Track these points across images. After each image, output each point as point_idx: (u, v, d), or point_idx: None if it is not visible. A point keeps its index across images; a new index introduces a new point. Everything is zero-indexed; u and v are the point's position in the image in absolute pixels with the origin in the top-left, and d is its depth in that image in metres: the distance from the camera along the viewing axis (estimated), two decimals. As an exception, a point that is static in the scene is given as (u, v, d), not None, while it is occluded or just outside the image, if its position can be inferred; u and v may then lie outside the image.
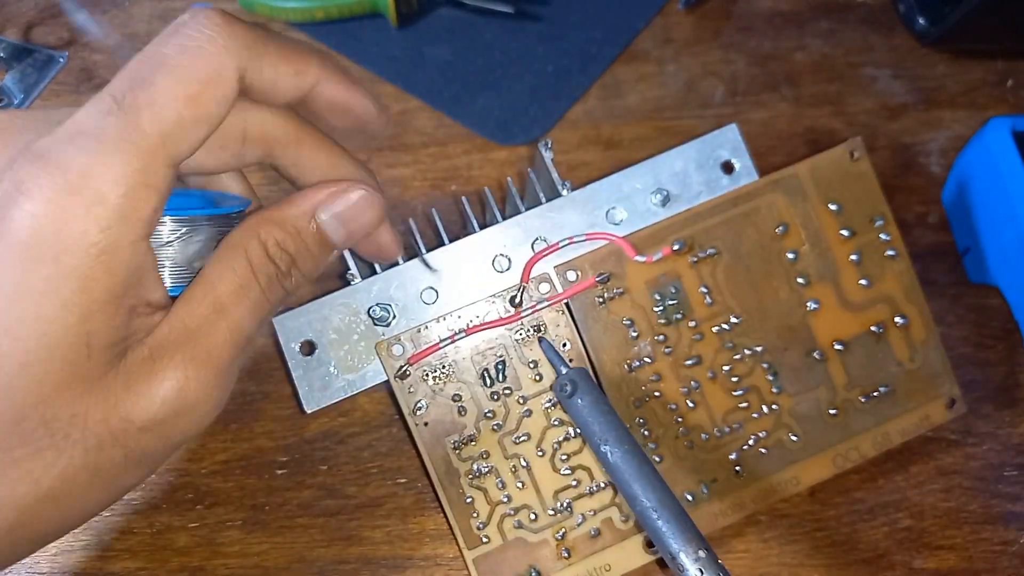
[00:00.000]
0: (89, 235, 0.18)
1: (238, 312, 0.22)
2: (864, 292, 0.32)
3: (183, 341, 0.21)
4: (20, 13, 0.44)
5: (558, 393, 0.29)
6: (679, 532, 0.26)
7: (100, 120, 0.19)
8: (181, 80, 0.19)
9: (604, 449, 0.28)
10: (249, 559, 0.33)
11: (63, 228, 0.18)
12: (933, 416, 0.33)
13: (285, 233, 0.23)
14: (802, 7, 0.45)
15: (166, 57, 0.20)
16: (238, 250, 0.22)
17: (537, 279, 0.31)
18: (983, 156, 0.38)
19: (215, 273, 0.22)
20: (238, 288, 0.22)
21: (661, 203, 0.31)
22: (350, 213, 0.24)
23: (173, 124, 0.19)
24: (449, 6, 0.44)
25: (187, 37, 0.20)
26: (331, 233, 0.24)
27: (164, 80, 0.19)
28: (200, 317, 0.21)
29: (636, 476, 0.27)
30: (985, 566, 0.33)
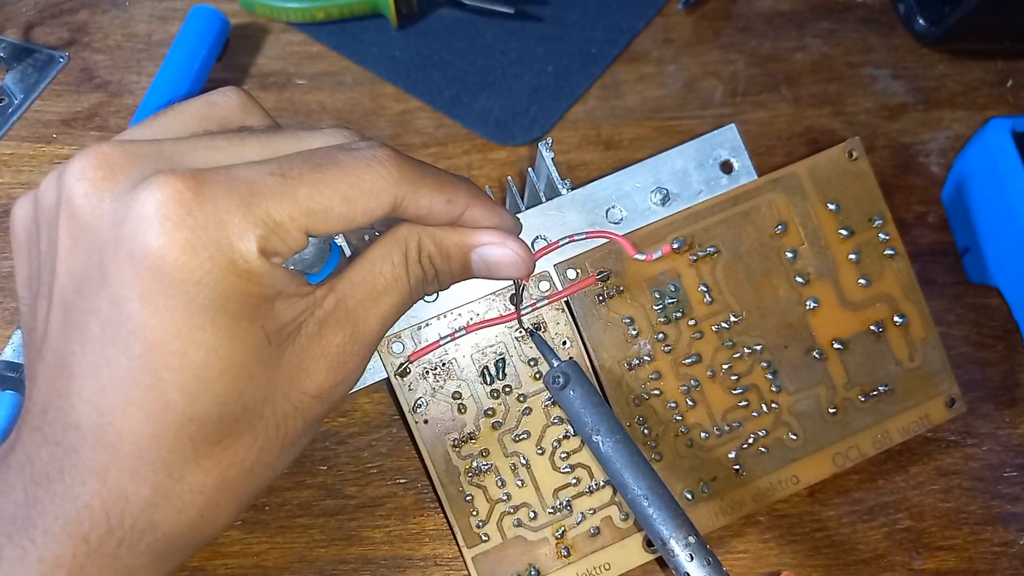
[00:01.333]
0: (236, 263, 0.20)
1: (388, 301, 0.24)
2: (863, 291, 0.32)
3: (345, 319, 0.23)
4: (20, 13, 0.44)
5: (550, 385, 0.30)
6: (669, 519, 0.26)
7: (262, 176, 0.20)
8: (347, 180, 0.21)
9: (596, 439, 0.28)
10: (249, 559, 0.33)
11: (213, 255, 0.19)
12: (933, 415, 0.33)
13: (439, 251, 0.25)
14: (802, 7, 0.45)
15: (340, 161, 0.22)
16: (399, 245, 0.24)
17: (537, 277, 0.31)
18: (983, 156, 0.38)
19: (376, 261, 0.24)
20: (393, 280, 0.24)
21: (661, 202, 0.31)
22: (499, 264, 0.26)
23: (321, 207, 0.21)
24: (449, 6, 0.44)
25: (361, 156, 0.22)
26: (474, 268, 0.26)
27: (333, 174, 0.21)
28: (359, 299, 0.23)
29: (627, 465, 0.27)
30: (985, 567, 0.33)
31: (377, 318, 0.24)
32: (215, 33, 0.41)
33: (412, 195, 0.23)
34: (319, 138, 0.23)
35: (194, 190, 0.19)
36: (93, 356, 0.20)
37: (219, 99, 0.24)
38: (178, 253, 0.19)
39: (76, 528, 0.20)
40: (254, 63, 0.43)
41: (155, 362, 0.20)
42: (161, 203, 0.19)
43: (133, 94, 0.42)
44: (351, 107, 0.42)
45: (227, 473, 0.21)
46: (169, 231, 0.19)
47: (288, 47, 0.44)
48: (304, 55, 0.43)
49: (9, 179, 0.39)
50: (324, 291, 0.23)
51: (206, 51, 0.41)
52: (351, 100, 0.42)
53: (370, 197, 0.22)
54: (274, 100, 0.42)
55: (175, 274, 0.19)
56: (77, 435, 0.20)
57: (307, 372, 0.22)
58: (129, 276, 0.19)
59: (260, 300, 0.21)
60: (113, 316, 0.20)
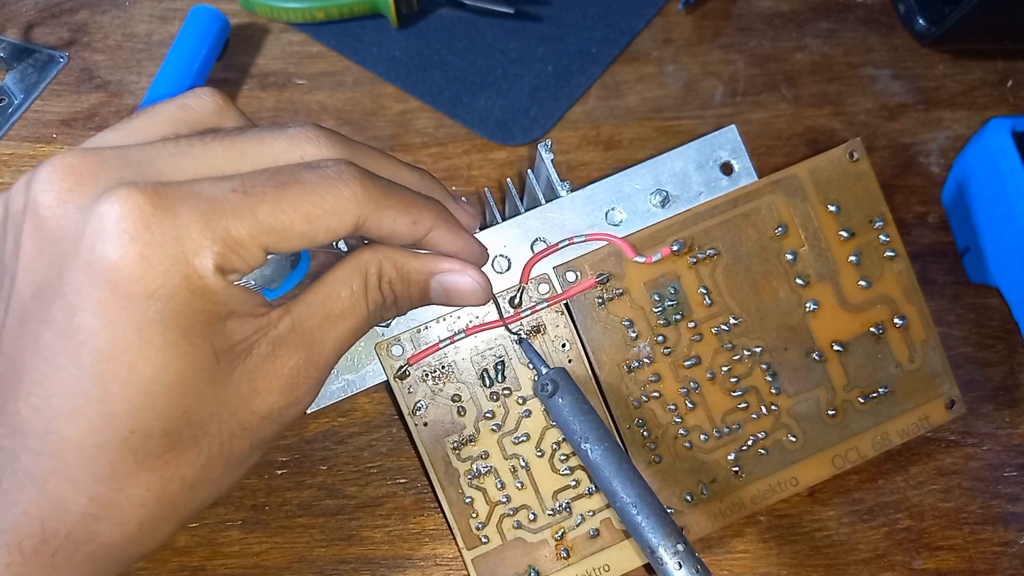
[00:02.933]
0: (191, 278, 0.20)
1: (344, 326, 0.24)
2: (863, 293, 0.32)
3: (299, 341, 0.23)
4: (20, 13, 0.44)
5: (539, 392, 0.30)
6: (658, 527, 0.26)
7: (224, 192, 0.20)
8: (309, 199, 0.21)
9: (584, 447, 0.28)
10: (249, 559, 0.33)
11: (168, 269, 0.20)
12: (933, 417, 0.33)
13: (400, 277, 0.25)
14: (802, 7, 0.45)
15: (304, 179, 0.22)
16: (359, 270, 0.24)
17: (536, 280, 0.31)
18: (983, 156, 0.38)
19: (335, 286, 0.24)
20: (351, 305, 0.24)
21: (660, 204, 0.31)
22: (457, 292, 0.27)
23: (282, 225, 0.21)
24: (449, 6, 0.44)
25: (326, 176, 0.22)
26: (433, 295, 0.27)
27: (296, 193, 0.21)
28: (315, 323, 0.23)
29: (615, 473, 0.27)
30: (985, 567, 0.33)
31: (333, 342, 0.24)
32: (215, 33, 0.41)
33: (376, 215, 0.23)
34: (283, 139, 0.23)
35: (154, 204, 0.19)
36: (43, 364, 0.20)
37: (193, 102, 0.24)
38: (133, 266, 0.19)
39: (12, 536, 0.20)
40: (254, 63, 0.43)
41: (103, 373, 0.20)
42: (120, 216, 0.19)
43: (133, 94, 0.42)
44: (351, 107, 0.42)
45: (169, 488, 0.21)
46: (125, 244, 0.19)
47: (288, 47, 0.44)
48: (304, 55, 0.43)
49: (9, 179, 0.39)
50: (280, 312, 0.23)
51: (206, 51, 0.41)
52: (351, 100, 0.42)
53: (332, 217, 0.22)
54: (274, 100, 0.42)
55: (128, 287, 0.19)
56: (21, 441, 0.20)
57: (257, 393, 0.22)
58: (85, 287, 0.19)
59: (212, 318, 0.21)
60: (66, 325, 0.20)
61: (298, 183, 0.21)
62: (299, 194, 0.21)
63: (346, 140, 0.24)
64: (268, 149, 0.23)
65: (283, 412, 0.23)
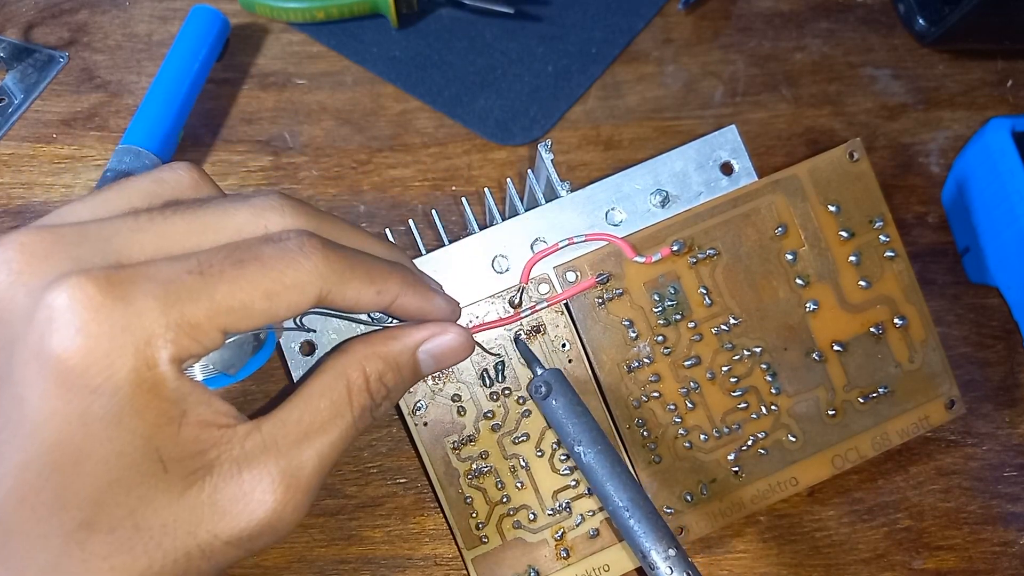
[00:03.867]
0: (139, 371, 0.19)
1: (329, 438, 0.22)
2: (863, 293, 0.32)
3: (271, 462, 0.21)
4: (20, 13, 0.44)
5: (533, 394, 0.30)
6: (650, 531, 0.26)
7: (178, 273, 0.20)
8: (268, 276, 0.21)
9: (578, 450, 0.28)
10: (249, 559, 0.33)
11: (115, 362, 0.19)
12: (932, 417, 0.33)
13: (388, 367, 0.24)
14: (802, 7, 0.45)
15: (263, 254, 0.21)
16: (340, 379, 0.23)
17: (536, 280, 0.31)
18: (983, 156, 0.38)
19: (313, 397, 0.23)
20: (333, 416, 0.23)
21: (660, 204, 0.31)
22: (446, 353, 0.26)
23: (241, 304, 0.20)
24: (449, 6, 0.44)
25: (286, 249, 0.21)
26: (424, 368, 0.26)
27: (254, 270, 0.21)
28: (292, 439, 0.22)
29: (609, 476, 0.27)
30: (985, 567, 0.33)
31: (314, 460, 0.22)
32: (215, 33, 0.41)
33: (339, 287, 0.22)
34: (246, 210, 0.22)
35: (104, 292, 0.19)
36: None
37: (168, 176, 0.23)
38: (79, 359, 0.19)
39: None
40: (254, 63, 0.43)
41: (51, 464, 0.19)
42: (68, 306, 0.19)
43: (133, 94, 0.42)
44: (351, 107, 0.42)
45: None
46: (71, 336, 0.19)
47: (288, 47, 0.44)
48: (304, 55, 0.43)
49: (9, 179, 0.39)
50: (248, 428, 0.21)
51: (206, 51, 0.41)
52: (351, 100, 0.42)
53: (293, 291, 0.21)
54: (274, 100, 0.42)
55: (74, 380, 0.19)
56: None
57: (221, 515, 0.21)
58: (32, 376, 0.19)
59: (162, 419, 0.20)
60: (15, 413, 0.19)
61: (256, 259, 0.21)
62: (258, 271, 0.21)
63: (311, 210, 0.23)
64: (230, 220, 0.22)
65: (254, 539, 0.21)
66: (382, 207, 0.39)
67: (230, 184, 0.40)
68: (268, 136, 0.41)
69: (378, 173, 0.40)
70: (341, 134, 0.41)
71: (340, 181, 0.40)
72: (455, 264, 0.31)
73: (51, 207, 0.39)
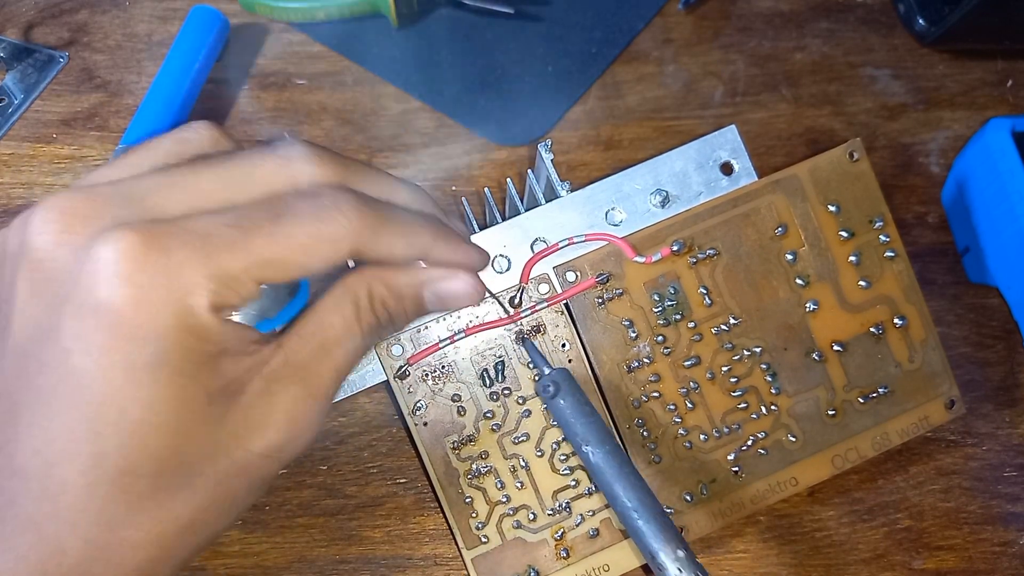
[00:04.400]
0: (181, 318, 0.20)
1: (341, 352, 0.23)
2: (863, 293, 0.32)
3: (294, 375, 0.22)
4: (20, 13, 0.44)
5: (541, 393, 0.30)
6: (659, 532, 0.26)
7: (216, 226, 0.20)
8: (305, 230, 0.21)
9: (586, 449, 0.28)
10: (249, 559, 0.33)
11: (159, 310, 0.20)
12: (932, 417, 0.33)
13: (391, 294, 0.25)
14: (802, 7, 0.45)
15: (299, 208, 0.21)
16: (348, 295, 0.24)
17: (536, 280, 0.31)
18: (983, 156, 0.38)
19: (325, 313, 0.23)
20: (344, 331, 0.23)
21: (660, 204, 0.31)
22: (452, 297, 0.26)
23: (278, 257, 0.21)
24: (449, 6, 0.44)
25: (321, 205, 0.22)
26: (428, 304, 0.26)
27: (291, 224, 0.21)
28: (309, 353, 0.23)
29: (617, 476, 0.27)
30: (985, 567, 0.33)
31: (330, 372, 0.23)
32: (215, 33, 0.41)
33: (372, 242, 0.23)
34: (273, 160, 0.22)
35: (147, 244, 0.19)
36: (41, 407, 0.20)
37: (190, 135, 0.24)
38: (125, 309, 0.19)
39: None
40: (254, 63, 0.43)
41: (96, 416, 0.20)
42: (113, 259, 0.19)
43: (133, 94, 0.42)
44: (351, 107, 0.42)
45: (164, 529, 0.21)
46: (118, 287, 0.19)
47: (288, 47, 0.44)
48: (304, 55, 0.43)
49: (9, 179, 0.39)
50: (272, 348, 0.22)
51: (206, 51, 0.41)
52: (351, 100, 0.42)
53: (328, 246, 0.22)
54: (274, 100, 0.42)
55: (121, 330, 0.19)
56: (19, 484, 0.20)
57: (254, 430, 0.22)
58: (79, 330, 0.20)
59: (204, 357, 0.21)
60: (62, 368, 0.20)
61: (293, 215, 0.21)
62: (295, 225, 0.21)
63: (337, 157, 0.24)
64: (259, 170, 0.22)
65: (283, 449, 0.23)
66: (382, 207, 0.39)
67: (230, 184, 0.40)
68: (268, 136, 0.41)
69: (378, 173, 0.40)
70: (341, 134, 0.41)
71: (340, 181, 0.40)
72: (455, 264, 0.31)
73: (51, 207, 0.39)
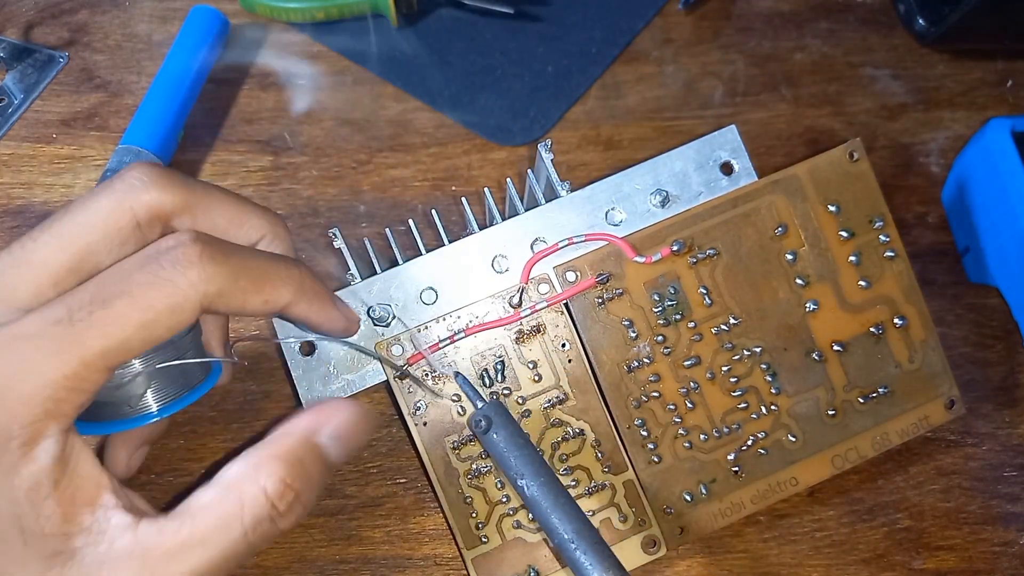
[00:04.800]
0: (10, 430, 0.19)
1: (208, 553, 0.21)
2: (863, 293, 0.32)
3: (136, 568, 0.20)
4: (20, 13, 0.44)
5: (473, 428, 0.29)
6: (597, 561, 0.26)
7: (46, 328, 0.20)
8: (140, 308, 0.20)
9: (521, 483, 0.27)
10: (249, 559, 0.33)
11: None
12: (932, 417, 0.33)
13: (289, 467, 0.22)
14: (802, 7, 0.45)
15: (134, 283, 0.21)
16: (231, 492, 0.22)
17: (536, 280, 0.31)
18: (983, 156, 0.38)
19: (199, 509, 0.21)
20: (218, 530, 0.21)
21: (660, 204, 0.31)
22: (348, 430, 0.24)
23: (118, 342, 0.20)
24: (449, 6, 0.44)
25: (161, 267, 0.21)
26: (331, 454, 0.24)
27: (123, 306, 0.20)
28: (164, 549, 0.21)
29: (553, 508, 0.27)
30: (985, 567, 0.33)
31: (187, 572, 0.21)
32: (215, 33, 0.41)
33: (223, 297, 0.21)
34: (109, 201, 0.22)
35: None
36: None
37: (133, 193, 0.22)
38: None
39: None
40: (254, 63, 0.43)
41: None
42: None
43: (133, 94, 0.42)
44: (351, 107, 0.42)
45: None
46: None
47: (288, 47, 0.44)
48: (304, 55, 0.43)
49: (9, 179, 0.39)
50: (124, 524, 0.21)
51: (206, 51, 0.41)
52: (351, 100, 0.42)
53: (170, 315, 0.21)
54: (274, 100, 0.42)
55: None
56: None
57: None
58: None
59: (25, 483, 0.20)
60: None
61: (124, 294, 0.20)
62: (128, 305, 0.20)
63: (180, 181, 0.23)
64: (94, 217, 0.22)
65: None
66: (382, 207, 0.39)
67: (230, 184, 0.40)
68: (268, 136, 0.41)
69: (378, 173, 0.40)
70: (341, 134, 0.41)
71: (340, 181, 0.40)
72: (455, 264, 0.31)
73: (51, 207, 0.39)
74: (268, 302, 0.23)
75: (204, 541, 0.21)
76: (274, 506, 0.22)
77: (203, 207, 0.23)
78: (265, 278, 0.23)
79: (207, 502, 0.21)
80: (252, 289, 0.22)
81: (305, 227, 0.39)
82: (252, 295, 0.22)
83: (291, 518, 0.22)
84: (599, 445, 0.31)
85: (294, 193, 0.39)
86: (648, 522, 0.31)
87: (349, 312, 0.26)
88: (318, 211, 0.39)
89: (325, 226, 0.39)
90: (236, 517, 0.21)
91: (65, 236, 0.21)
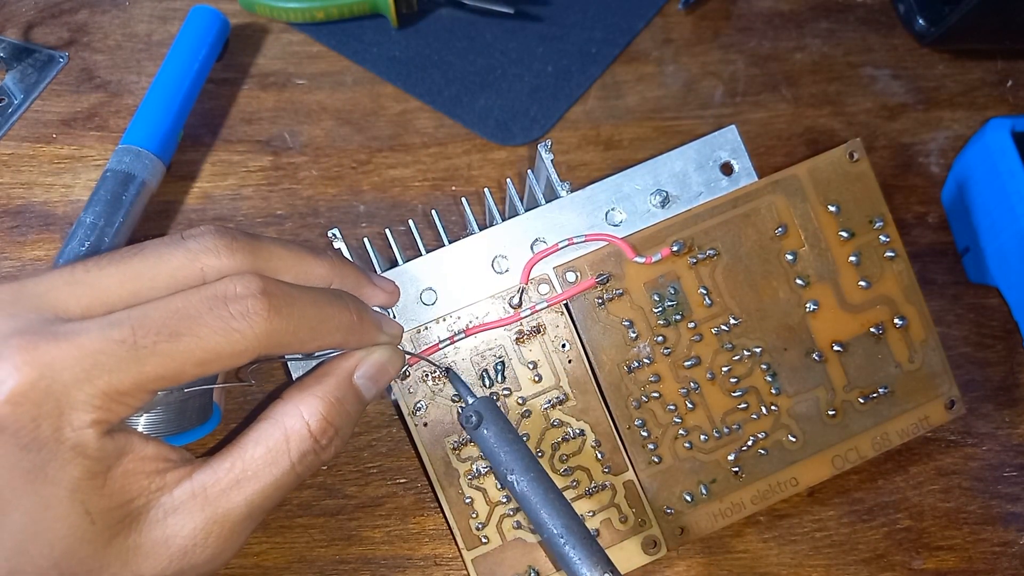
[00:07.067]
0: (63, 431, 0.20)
1: (260, 484, 0.23)
2: (863, 293, 0.32)
3: (199, 507, 0.22)
4: (20, 13, 0.44)
5: (464, 424, 0.29)
6: (586, 556, 0.26)
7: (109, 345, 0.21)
8: (204, 349, 0.21)
9: (511, 479, 0.27)
10: (249, 559, 0.33)
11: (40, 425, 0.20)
12: (932, 417, 0.33)
13: (329, 405, 0.24)
14: (802, 7, 0.45)
15: (203, 325, 0.21)
16: (276, 426, 0.24)
17: (536, 280, 0.31)
18: (983, 156, 0.38)
19: (248, 444, 0.23)
20: (268, 463, 0.23)
21: (660, 204, 0.31)
22: (380, 371, 0.26)
23: (173, 372, 0.21)
24: (449, 6, 0.44)
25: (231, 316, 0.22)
26: (365, 392, 0.26)
27: (189, 344, 0.21)
28: (222, 486, 0.23)
29: (542, 503, 0.27)
30: (984, 567, 0.33)
31: (242, 507, 0.23)
32: (215, 33, 0.41)
33: (282, 346, 0.23)
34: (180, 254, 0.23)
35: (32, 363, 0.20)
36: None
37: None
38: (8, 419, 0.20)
39: None
40: (254, 63, 0.43)
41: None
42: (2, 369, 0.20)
43: (133, 94, 0.42)
44: (351, 107, 0.42)
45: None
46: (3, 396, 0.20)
47: (288, 47, 0.44)
48: (304, 55, 0.43)
49: (9, 179, 0.39)
50: (179, 475, 0.22)
51: (206, 51, 0.41)
52: (351, 100, 0.42)
53: (231, 359, 0.22)
54: (274, 100, 0.42)
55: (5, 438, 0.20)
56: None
57: (145, 556, 0.22)
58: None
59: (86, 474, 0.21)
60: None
61: (193, 334, 0.21)
62: (194, 344, 0.21)
63: (246, 242, 0.24)
64: (165, 266, 0.22)
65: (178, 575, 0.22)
66: (382, 207, 0.39)
67: (230, 184, 0.40)
68: (268, 136, 0.41)
69: (378, 173, 0.40)
70: (341, 134, 0.41)
71: (340, 181, 0.40)
72: (455, 264, 0.31)
73: (51, 207, 0.39)
74: (321, 347, 0.24)
75: (256, 474, 0.23)
76: (316, 440, 0.24)
77: (271, 269, 0.24)
78: (323, 327, 0.24)
79: (256, 437, 0.23)
80: (309, 339, 0.23)
81: (305, 227, 0.39)
82: (308, 343, 0.24)
83: (331, 451, 0.25)
84: (599, 445, 0.31)
85: (294, 193, 0.39)
86: (648, 522, 0.31)
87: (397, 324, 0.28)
88: (318, 211, 0.39)
89: (325, 226, 0.39)
90: (283, 452, 0.23)
91: (130, 274, 0.22)
